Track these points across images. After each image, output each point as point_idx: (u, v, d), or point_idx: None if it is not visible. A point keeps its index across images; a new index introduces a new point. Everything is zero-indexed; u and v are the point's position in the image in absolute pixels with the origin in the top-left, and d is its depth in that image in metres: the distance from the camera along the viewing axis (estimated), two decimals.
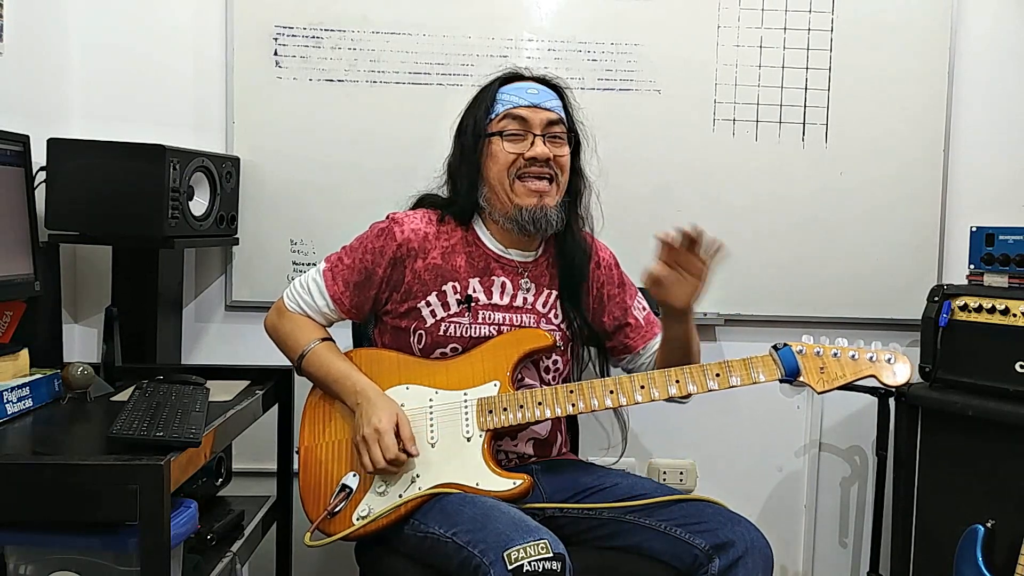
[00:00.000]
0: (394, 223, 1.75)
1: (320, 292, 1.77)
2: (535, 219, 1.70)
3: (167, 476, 1.31)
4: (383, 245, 1.73)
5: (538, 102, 1.72)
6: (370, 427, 1.61)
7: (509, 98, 1.72)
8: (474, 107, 1.77)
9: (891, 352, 1.62)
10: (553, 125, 1.72)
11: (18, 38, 1.99)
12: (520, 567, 1.37)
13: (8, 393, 1.55)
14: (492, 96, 1.74)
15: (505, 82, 1.76)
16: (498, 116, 1.72)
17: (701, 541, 1.58)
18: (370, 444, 1.61)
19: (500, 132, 1.71)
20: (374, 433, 1.61)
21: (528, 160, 1.69)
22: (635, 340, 1.86)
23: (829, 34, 2.36)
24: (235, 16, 2.27)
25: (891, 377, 1.61)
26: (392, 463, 1.60)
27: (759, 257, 2.38)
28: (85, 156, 1.92)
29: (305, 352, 1.75)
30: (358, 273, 1.75)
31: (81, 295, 2.31)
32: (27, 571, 1.41)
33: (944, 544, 2.08)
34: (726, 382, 1.62)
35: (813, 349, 1.63)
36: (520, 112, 1.71)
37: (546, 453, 1.81)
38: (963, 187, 2.41)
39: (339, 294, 1.76)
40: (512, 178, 1.70)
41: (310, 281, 1.79)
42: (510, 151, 1.69)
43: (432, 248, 1.73)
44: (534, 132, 1.70)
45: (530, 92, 1.73)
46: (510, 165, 1.70)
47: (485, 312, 1.74)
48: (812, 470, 2.48)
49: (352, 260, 1.76)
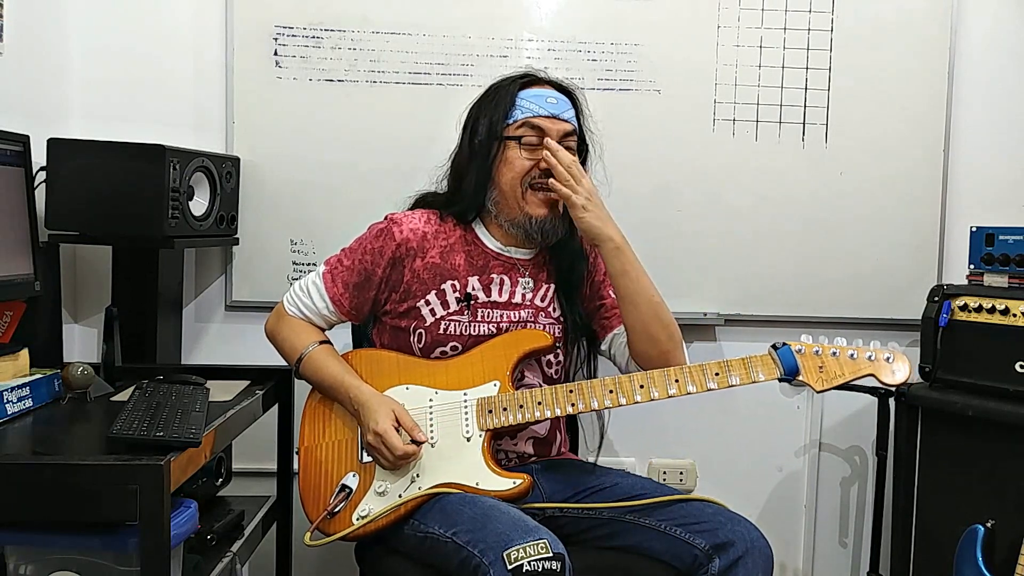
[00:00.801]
0: (393, 223, 1.75)
1: (320, 294, 1.78)
2: (543, 230, 1.72)
3: (167, 476, 1.31)
4: (382, 246, 1.73)
5: (557, 113, 1.72)
6: (371, 433, 1.62)
7: (529, 105, 1.72)
8: (490, 106, 1.75)
9: (890, 351, 1.62)
10: (568, 137, 1.72)
11: (18, 38, 2.00)
12: (520, 567, 1.37)
13: (8, 393, 1.55)
14: (511, 99, 1.73)
15: (524, 85, 1.75)
16: (517, 122, 1.71)
17: (701, 541, 1.58)
18: (377, 448, 1.62)
19: (518, 139, 1.70)
20: (376, 438, 1.61)
21: (543, 171, 1.69)
22: (612, 319, 1.83)
23: (829, 34, 2.36)
24: (235, 16, 2.27)
25: (890, 376, 1.61)
26: (404, 458, 1.61)
27: (759, 257, 2.38)
28: (85, 156, 1.91)
29: (302, 356, 1.76)
30: (357, 274, 1.75)
31: (81, 295, 2.31)
32: (27, 571, 1.41)
33: (944, 544, 2.08)
34: (725, 381, 1.62)
35: (812, 348, 1.63)
36: (539, 122, 1.70)
37: (546, 452, 1.81)
38: (963, 187, 2.41)
39: (339, 296, 1.76)
40: (525, 187, 1.70)
41: (309, 284, 1.80)
42: (527, 159, 1.70)
43: (431, 247, 1.74)
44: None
45: (549, 101, 1.72)
46: (525, 174, 1.70)
47: (484, 310, 1.75)
48: (812, 470, 2.48)
49: (351, 262, 1.76)
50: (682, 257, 2.37)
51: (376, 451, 1.63)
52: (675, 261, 2.37)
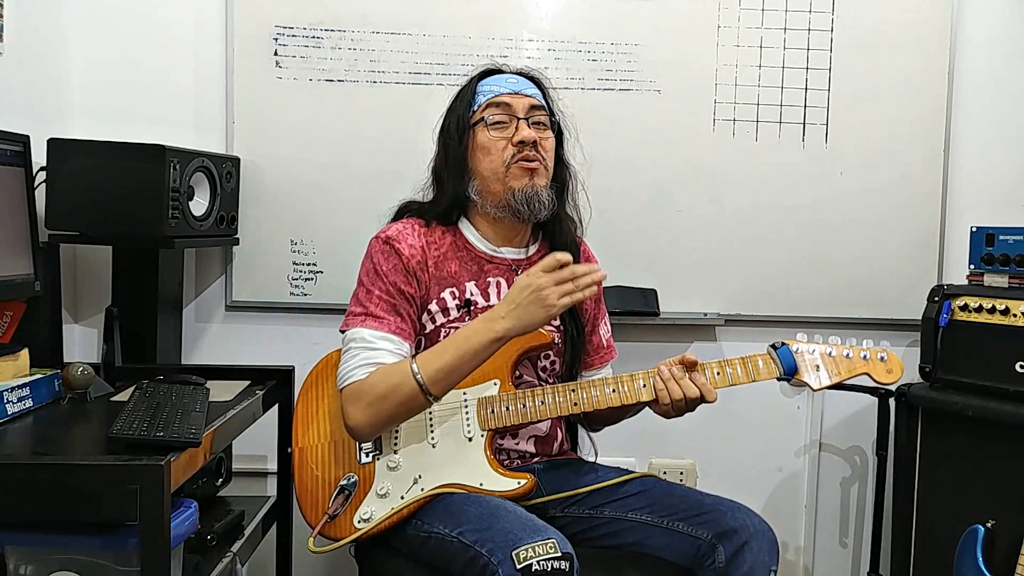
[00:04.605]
0: (393, 240, 1.69)
1: (381, 337, 1.62)
2: (528, 199, 1.67)
3: (167, 476, 1.31)
4: (396, 262, 1.68)
5: (519, 89, 1.73)
6: (537, 299, 1.52)
7: (490, 88, 1.73)
8: (455, 105, 1.77)
9: (883, 351, 1.65)
10: (536, 110, 1.72)
11: (18, 38, 2.00)
12: (528, 566, 1.36)
13: (8, 393, 1.55)
14: (472, 90, 1.75)
15: (484, 75, 1.77)
16: (480, 106, 1.72)
17: (704, 532, 1.58)
18: (558, 290, 1.52)
19: (484, 120, 1.70)
20: (538, 292, 1.51)
21: (517, 146, 1.68)
22: (592, 359, 1.85)
23: (829, 34, 2.36)
24: (235, 16, 2.27)
25: (884, 375, 1.64)
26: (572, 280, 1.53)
27: (759, 257, 2.38)
28: (85, 156, 1.91)
29: (419, 381, 1.56)
30: (394, 297, 1.66)
31: (81, 295, 2.31)
32: (27, 571, 1.41)
33: (944, 544, 2.08)
34: (726, 380, 1.63)
35: (809, 348, 1.65)
36: (503, 99, 1.71)
37: (547, 450, 1.81)
38: (963, 187, 2.41)
39: (397, 327, 1.64)
40: (507, 167, 1.68)
41: (359, 348, 1.61)
42: (495, 136, 1.69)
43: (428, 259, 1.71)
44: (518, 116, 1.70)
45: (509, 81, 1.74)
46: (502, 153, 1.68)
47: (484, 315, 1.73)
48: (812, 470, 2.48)
49: (380, 291, 1.65)
50: (682, 257, 2.37)
51: (557, 295, 1.51)
52: (675, 261, 2.37)
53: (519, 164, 1.68)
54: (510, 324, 1.54)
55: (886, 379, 1.64)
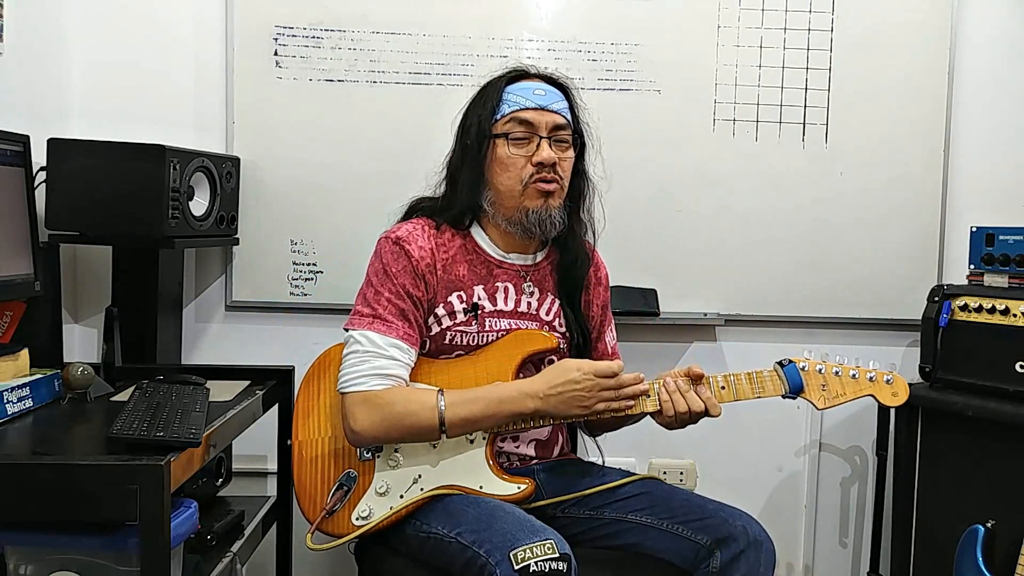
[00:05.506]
0: (403, 242, 1.67)
1: (391, 344, 1.61)
2: (540, 220, 1.67)
3: (167, 476, 1.31)
4: (405, 264, 1.66)
5: (545, 104, 1.68)
6: (585, 390, 1.58)
7: (515, 99, 1.68)
8: (479, 104, 1.72)
9: (889, 373, 1.64)
10: (559, 129, 1.69)
11: (18, 38, 2.00)
12: (527, 567, 1.37)
13: (8, 393, 1.55)
14: (498, 95, 1.70)
15: (512, 80, 1.72)
16: (504, 117, 1.68)
17: (703, 536, 1.58)
18: (600, 396, 1.58)
19: (506, 135, 1.68)
20: (581, 393, 1.58)
21: (536, 166, 1.66)
22: None
23: (829, 34, 2.36)
24: (235, 16, 2.27)
25: (889, 399, 1.64)
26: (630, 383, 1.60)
27: (759, 257, 2.38)
28: (85, 156, 1.91)
29: (442, 420, 1.58)
30: (402, 299, 1.64)
31: (81, 295, 2.31)
32: (27, 571, 1.41)
33: (944, 544, 2.08)
34: (731, 395, 1.63)
35: (815, 366, 1.64)
36: (526, 116, 1.67)
37: (547, 454, 1.80)
38: (963, 187, 2.41)
39: (405, 333, 1.63)
40: (524, 187, 1.66)
41: (368, 351, 1.60)
42: (515, 153, 1.66)
43: (437, 262, 1.69)
44: (540, 135, 1.67)
45: (537, 93, 1.69)
46: (520, 172, 1.66)
47: (491, 319, 1.72)
48: (812, 470, 2.48)
49: (392, 291, 1.64)
50: (682, 257, 2.37)
51: (603, 402, 1.58)
52: (675, 261, 2.37)
53: (536, 185, 1.66)
54: (544, 408, 1.59)
55: (891, 402, 1.64)
